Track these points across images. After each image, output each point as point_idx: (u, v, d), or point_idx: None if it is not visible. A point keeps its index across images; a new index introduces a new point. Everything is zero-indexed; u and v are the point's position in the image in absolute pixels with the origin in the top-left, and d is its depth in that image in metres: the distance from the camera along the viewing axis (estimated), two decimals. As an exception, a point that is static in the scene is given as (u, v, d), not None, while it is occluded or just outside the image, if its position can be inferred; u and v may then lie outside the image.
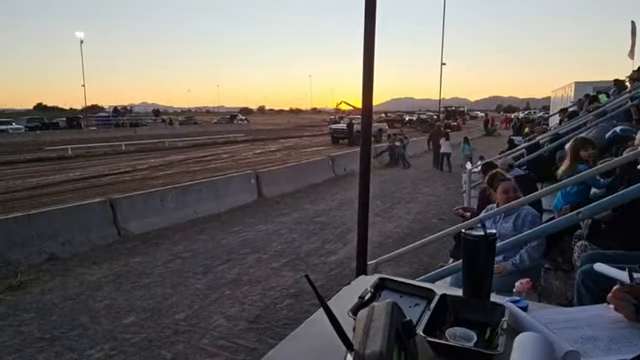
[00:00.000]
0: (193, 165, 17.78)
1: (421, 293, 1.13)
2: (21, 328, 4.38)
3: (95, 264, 6.24)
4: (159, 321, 4.47)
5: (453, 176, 13.60)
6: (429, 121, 42.15)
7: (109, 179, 14.33)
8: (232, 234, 7.67)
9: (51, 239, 6.56)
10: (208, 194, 9.36)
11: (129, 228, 7.58)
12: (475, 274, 1.13)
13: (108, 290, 5.33)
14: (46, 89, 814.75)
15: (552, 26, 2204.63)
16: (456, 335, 0.94)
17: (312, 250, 6.78)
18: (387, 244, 6.73)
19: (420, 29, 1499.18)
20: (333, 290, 1.31)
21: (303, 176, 12.60)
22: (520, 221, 3.11)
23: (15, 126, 38.73)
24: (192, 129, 44.35)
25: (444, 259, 4.92)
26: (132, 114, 60.14)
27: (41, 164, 18.49)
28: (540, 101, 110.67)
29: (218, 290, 5.25)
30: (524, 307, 1.08)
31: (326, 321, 0.78)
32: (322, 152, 20.48)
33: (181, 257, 6.48)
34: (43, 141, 28.33)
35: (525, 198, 3.16)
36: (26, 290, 5.36)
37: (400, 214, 9.08)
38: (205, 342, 4.04)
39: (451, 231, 3.27)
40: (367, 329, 0.73)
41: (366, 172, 2.09)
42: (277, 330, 4.21)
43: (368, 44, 1.97)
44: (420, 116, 49.32)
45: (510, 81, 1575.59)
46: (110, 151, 23.14)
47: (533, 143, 7.80)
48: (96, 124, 47.43)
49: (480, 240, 1.09)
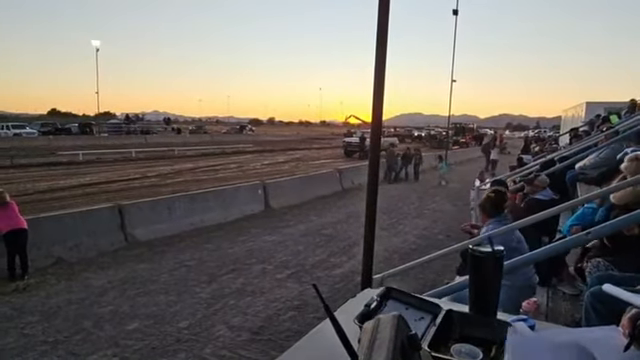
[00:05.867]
0: (201, 174, 17.89)
1: (427, 307, 1.12)
2: (25, 330, 4.40)
3: (101, 269, 6.27)
4: (162, 329, 4.46)
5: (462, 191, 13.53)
6: (438, 137, 42.09)
7: (118, 185, 14.46)
8: (238, 244, 7.67)
9: (59, 243, 6.62)
10: (215, 203, 9.40)
11: (136, 235, 7.62)
12: (482, 291, 1.12)
13: (113, 296, 5.34)
14: (60, 95, 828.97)
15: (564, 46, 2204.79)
16: (461, 352, 0.93)
17: (317, 262, 6.76)
18: (393, 259, 6.68)
19: (430, 45, 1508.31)
20: (337, 303, 1.31)
21: (310, 188, 12.62)
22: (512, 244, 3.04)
23: (29, 130, 39.27)
24: (202, 138, 44.68)
25: (450, 276, 4.88)
26: (143, 122, 60.84)
27: (52, 168, 18.71)
28: (551, 120, 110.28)
29: (222, 299, 5.24)
30: (531, 326, 1.06)
31: (330, 333, 0.78)
32: (330, 165, 20.51)
33: (186, 265, 6.49)
34: (55, 146, 28.69)
35: (521, 222, 3.11)
36: (32, 293, 5.40)
37: (406, 229, 9.03)
38: (207, 352, 4.02)
39: (458, 247, 3.24)
40: (372, 341, 0.73)
41: (374, 186, 2.09)
42: (280, 342, 4.18)
43: (379, 59, 1.99)
44: (430, 132, 49.31)
45: (520, 99, 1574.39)
46: (120, 158, 23.36)
47: (548, 160, 7.75)
48: (108, 131, 48.00)
49: (487, 256, 1.08)
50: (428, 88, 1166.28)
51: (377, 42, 1.98)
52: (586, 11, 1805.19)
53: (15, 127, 39.15)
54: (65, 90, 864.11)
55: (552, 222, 4.46)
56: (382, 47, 1.99)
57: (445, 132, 37.18)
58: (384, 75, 2.02)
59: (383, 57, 2.00)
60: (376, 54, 1.99)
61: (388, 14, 1.97)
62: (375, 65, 2.00)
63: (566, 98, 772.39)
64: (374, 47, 2.00)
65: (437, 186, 15.61)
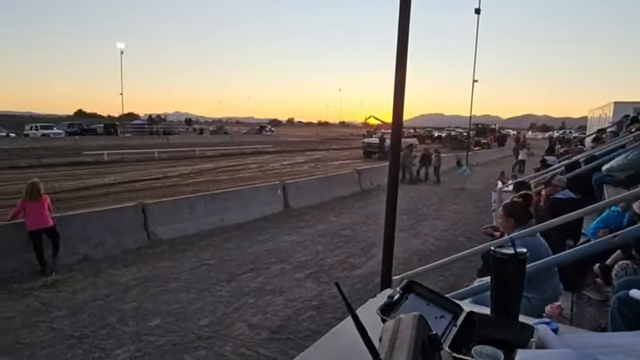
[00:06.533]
0: (222, 174, 18.11)
1: (448, 306, 1.12)
2: (54, 324, 4.54)
3: (125, 266, 6.41)
4: (183, 326, 4.54)
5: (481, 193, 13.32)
6: (459, 138, 41.52)
7: (141, 185, 14.76)
8: (257, 243, 7.74)
9: (85, 240, 6.80)
10: (235, 203, 9.51)
11: (158, 233, 7.77)
12: (504, 293, 1.12)
13: (136, 292, 5.46)
14: (86, 96, 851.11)
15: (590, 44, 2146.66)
16: (483, 353, 0.93)
17: (336, 263, 6.76)
18: (412, 261, 6.64)
19: (452, 45, 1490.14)
20: (356, 304, 1.31)
21: (329, 188, 12.63)
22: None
23: (56, 131, 40.48)
24: (222, 139, 45.27)
25: (471, 279, 4.81)
26: (165, 122, 62.06)
27: (79, 168, 19.24)
28: (577, 120, 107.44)
29: (242, 298, 5.30)
30: (554, 329, 1.05)
31: (351, 332, 0.79)
32: (349, 165, 20.48)
33: (207, 264, 6.59)
34: (81, 146, 29.50)
35: (545, 224, 3.04)
36: (59, 289, 5.56)
37: (426, 231, 8.95)
38: (227, 349, 4.08)
39: (479, 250, 3.20)
40: (393, 340, 0.74)
41: (394, 187, 2.09)
42: (298, 342, 4.21)
43: (400, 59, 1.98)
44: (450, 133, 48.72)
45: (544, 99, 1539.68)
46: (143, 158, 23.84)
47: (573, 161, 7.58)
48: (131, 131, 49.15)
49: (510, 258, 1.07)
50: (449, 88, 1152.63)
51: (398, 42, 1.97)
52: (614, 11, 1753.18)
53: (43, 128, 40.45)
54: (90, 91, 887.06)
55: (576, 225, 4.37)
56: (403, 47, 1.98)
57: (466, 133, 36.67)
58: (405, 75, 2.01)
59: (404, 57, 1.99)
60: (397, 54, 1.98)
61: (409, 14, 1.97)
62: (396, 65, 2.00)
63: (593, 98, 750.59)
64: (395, 47, 2.00)
65: (458, 188, 15.39)
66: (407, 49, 2.00)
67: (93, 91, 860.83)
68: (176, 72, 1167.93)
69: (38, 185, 6.20)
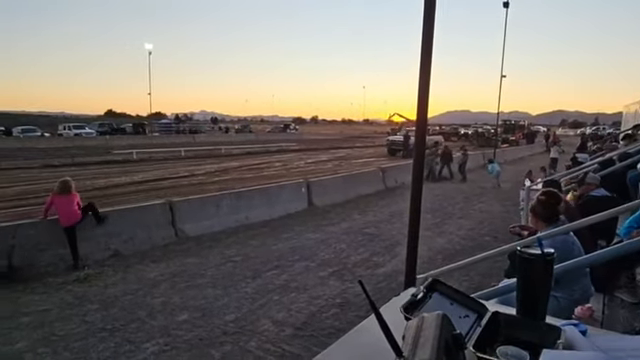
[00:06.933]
0: (247, 172, 18.32)
1: (472, 306, 1.11)
2: (86, 318, 4.72)
3: (153, 262, 6.59)
4: (210, 321, 4.64)
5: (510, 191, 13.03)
6: (486, 135, 40.65)
7: (169, 183, 15.11)
8: (282, 241, 7.81)
9: (116, 237, 7.02)
10: (260, 201, 9.61)
11: (185, 230, 7.94)
12: (530, 294, 1.10)
13: (164, 288, 5.61)
14: (116, 96, 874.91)
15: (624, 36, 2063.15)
16: (508, 354, 0.92)
17: (360, 261, 6.75)
18: (437, 260, 6.56)
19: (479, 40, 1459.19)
20: (380, 302, 1.31)
21: (353, 187, 12.60)
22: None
23: (87, 130, 41.88)
24: (247, 137, 45.79)
25: (497, 279, 4.73)
26: (192, 122, 63.19)
27: (108, 166, 19.84)
28: (610, 117, 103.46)
29: (267, 295, 5.37)
30: (583, 331, 1.03)
31: (374, 329, 0.79)
32: (373, 163, 20.38)
33: (233, 261, 6.69)
34: (111, 145, 30.41)
35: (573, 224, 2.94)
36: (92, 283, 5.77)
37: (451, 230, 8.82)
38: (252, 345, 4.14)
39: (505, 249, 3.13)
40: (417, 338, 0.74)
41: (418, 185, 2.08)
42: (322, 339, 4.23)
43: (425, 55, 1.97)
44: (477, 130, 47.77)
45: (576, 95, 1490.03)
46: (170, 156, 24.37)
47: (607, 159, 7.33)
48: (159, 130, 50.31)
49: (537, 258, 1.06)
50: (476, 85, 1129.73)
51: (423, 38, 1.96)
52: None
53: (76, 127, 41.86)
54: (120, 91, 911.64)
55: (610, 225, 4.22)
56: (428, 43, 1.97)
57: (494, 130, 35.87)
58: (429, 72, 2.00)
59: (429, 54, 1.97)
60: (421, 51, 1.97)
61: (434, 9, 1.95)
62: (420, 62, 1.98)
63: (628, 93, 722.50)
64: (420, 44, 1.98)
65: (485, 186, 15.07)
66: (432, 45, 1.98)
67: (122, 91, 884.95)
68: (202, 72, 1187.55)
69: (69, 183, 6.46)
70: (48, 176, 15.82)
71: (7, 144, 30.42)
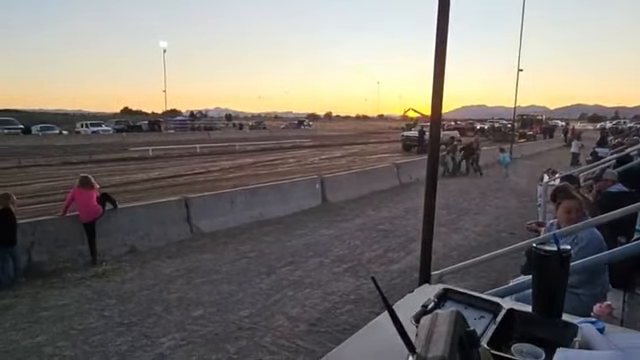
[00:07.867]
0: (261, 168, 18.40)
1: (487, 306, 1.10)
2: (104, 312, 4.81)
3: (169, 258, 6.68)
4: (225, 316, 4.68)
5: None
6: (502, 129, 40.09)
7: (184, 179, 15.26)
8: (296, 237, 7.83)
9: (132, 232, 7.13)
10: (274, 197, 9.65)
11: (200, 226, 8.03)
12: (546, 291, 1.08)
13: (180, 283, 5.68)
14: (132, 94, 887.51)
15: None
16: (523, 351, 0.91)
17: (374, 257, 6.74)
18: (452, 256, 6.51)
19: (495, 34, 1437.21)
20: (394, 299, 1.31)
21: (368, 182, 12.56)
22: (576, 248, 2.72)
23: (104, 128, 42.55)
24: (261, 134, 45.96)
25: (514, 276, 4.67)
26: (206, 118, 63.66)
27: (125, 163, 20.13)
28: (632, 110, 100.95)
29: (281, 291, 5.39)
30: (600, 329, 1.01)
31: (388, 326, 0.79)
32: (387, 159, 20.27)
33: (247, 257, 6.74)
34: (128, 142, 30.84)
35: (593, 220, 2.88)
36: (110, 278, 5.87)
37: (467, 226, 8.73)
38: (267, 340, 4.17)
39: (522, 246, 3.09)
40: (430, 334, 0.73)
41: (433, 181, 2.06)
42: (336, 335, 4.24)
43: (440, 50, 1.95)
44: (493, 125, 47.11)
45: (596, 88, 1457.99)
46: (185, 153, 24.61)
47: (623, 155, 7.17)
48: (174, 127, 50.87)
49: (552, 255, 1.04)
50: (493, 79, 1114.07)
51: (437, 33, 1.94)
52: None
53: (93, 125, 42.56)
54: (136, 89, 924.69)
55: (629, 221, 4.13)
56: (442, 37, 1.95)
57: (510, 124, 35.33)
58: (444, 67, 1.98)
59: (443, 48, 1.95)
60: (436, 45, 1.95)
61: (449, 2, 1.92)
62: (435, 56, 1.96)
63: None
64: (434, 38, 1.96)
65: (501, 181, 14.90)
66: (446, 39, 1.96)
67: (138, 89, 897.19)
68: (216, 69, 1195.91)
69: (90, 179, 6.59)
70: (67, 173, 16.13)
71: (26, 142, 31.08)
